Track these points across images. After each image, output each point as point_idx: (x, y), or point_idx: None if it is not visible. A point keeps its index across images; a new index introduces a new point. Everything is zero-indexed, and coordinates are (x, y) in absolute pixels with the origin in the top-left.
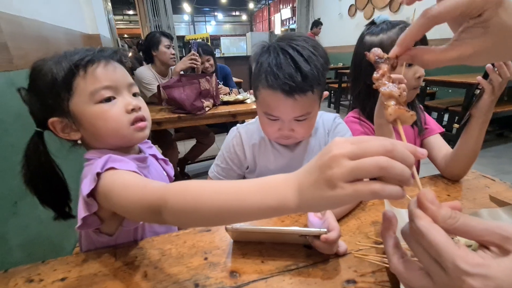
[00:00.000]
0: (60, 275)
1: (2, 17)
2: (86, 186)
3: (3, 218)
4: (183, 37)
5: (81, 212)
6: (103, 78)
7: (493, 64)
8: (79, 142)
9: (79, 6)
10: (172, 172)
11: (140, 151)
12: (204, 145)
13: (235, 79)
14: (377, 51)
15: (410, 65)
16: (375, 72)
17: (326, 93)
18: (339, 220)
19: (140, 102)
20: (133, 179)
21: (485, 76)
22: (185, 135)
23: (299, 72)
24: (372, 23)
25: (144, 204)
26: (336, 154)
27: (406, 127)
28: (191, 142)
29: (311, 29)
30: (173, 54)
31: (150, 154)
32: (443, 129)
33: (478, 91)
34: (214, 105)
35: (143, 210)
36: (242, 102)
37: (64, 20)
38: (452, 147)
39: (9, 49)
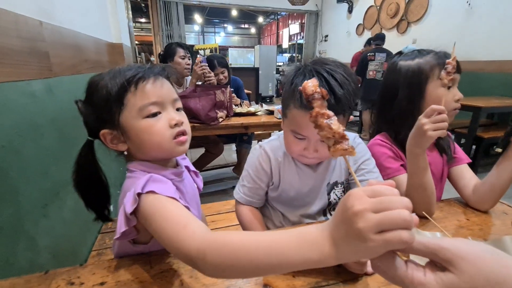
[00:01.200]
0: (99, 279)
1: (46, 28)
2: (128, 204)
3: (35, 220)
4: (192, 46)
5: (121, 225)
6: (151, 94)
7: None
8: (125, 153)
9: (107, 15)
10: (201, 184)
11: (177, 163)
12: (213, 154)
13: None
14: (310, 87)
15: (449, 87)
16: (312, 111)
17: (351, 116)
18: None
19: (182, 117)
20: (174, 211)
21: None
22: (194, 144)
23: (333, 95)
24: (400, 53)
25: (181, 250)
26: (359, 210)
27: (435, 154)
28: (198, 151)
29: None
30: (188, 65)
31: (184, 166)
32: (471, 160)
33: None
34: (227, 116)
35: (179, 254)
36: (254, 114)
37: (94, 30)
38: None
39: (50, 57)
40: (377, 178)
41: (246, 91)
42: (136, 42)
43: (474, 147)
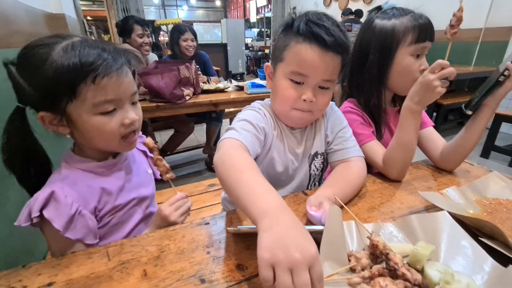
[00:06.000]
0: (47, 280)
1: None
2: (25, 214)
3: None
4: (153, 21)
5: (22, 219)
6: (110, 91)
7: None
8: (68, 136)
9: None
10: (158, 172)
11: None
12: (183, 134)
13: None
14: None
15: (418, 56)
16: None
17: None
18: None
19: (138, 111)
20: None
21: None
22: (162, 125)
23: (338, 28)
24: (379, 8)
25: None
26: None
27: (397, 119)
28: (168, 133)
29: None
30: (146, 44)
31: (140, 150)
32: (434, 124)
33: (502, 78)
34: (195, 93)
35: None
36: (223, 91)
37: None
38: None
39: None
40: (354, 147)
41: (214, 67)
42: (89, 18)
43: (434, 114)
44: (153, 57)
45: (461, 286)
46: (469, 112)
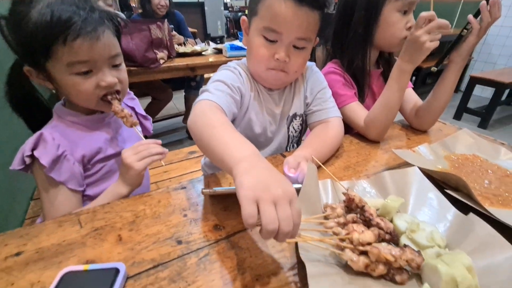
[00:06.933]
0: (14, 250)
1: None
2: (18, 159)
3: None
4: None
5: (16, 163)
6: (82, 53)
7: (487, 1)
8: (54, 91)
9: None
10: (151, 128)
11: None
12: (161, 101)
13: (190, 29)
14: None
15: (405, 12)
16: None
17: (317, 39)
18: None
19: (120, 73)
20: (64, 202)
21: (476, 15)
22: (138, 93)
23: None
24: None
25: None
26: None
27: (380, 81)
28: (145, 101)
29: None
30: (111, 6)
31: (129, 106)
32: (412, 85)
33: (465, 32)
34: (169, 57)
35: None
36: (200, 54)
37: None
38: None
39: None
40: (333, 108)
41: (191, 29)
42: None
43: (413, 78)
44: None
45: (425, 233)
46: (434, 69)
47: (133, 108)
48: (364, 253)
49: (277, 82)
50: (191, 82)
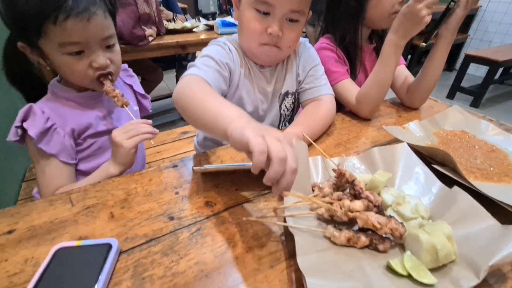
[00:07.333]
0: (6, 228)
1: None
2: (12, 132)
3: None
4: None
5: (11, 135)
6: (73, 33)
7: None
8: (48, 68)
9: None
10: (149, 106)
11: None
12: (151, 82)
13: (179, 5)
14: None
15: None
16: None
17: (310, 12)
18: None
19: (113, 54)
20: (56, 174)
21: None
22: None
23: None
24: None
25: None
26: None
27: (372, 57)
28: None
29: None
30: None
31: (127, 84)
32: (406, 63)
33: (452, 4)
34: (159, 34)
35: None
36: (190, 30)
37: None
38: None
39: None
40: (325, 85)
41: (180, 5)
42: None
43: (409, 56)
44: None
45: (410, 206)
46: (423, 45)
47: (131, 86)
48: (350, 223)
49: (270, 59)
50: (182, 61)
